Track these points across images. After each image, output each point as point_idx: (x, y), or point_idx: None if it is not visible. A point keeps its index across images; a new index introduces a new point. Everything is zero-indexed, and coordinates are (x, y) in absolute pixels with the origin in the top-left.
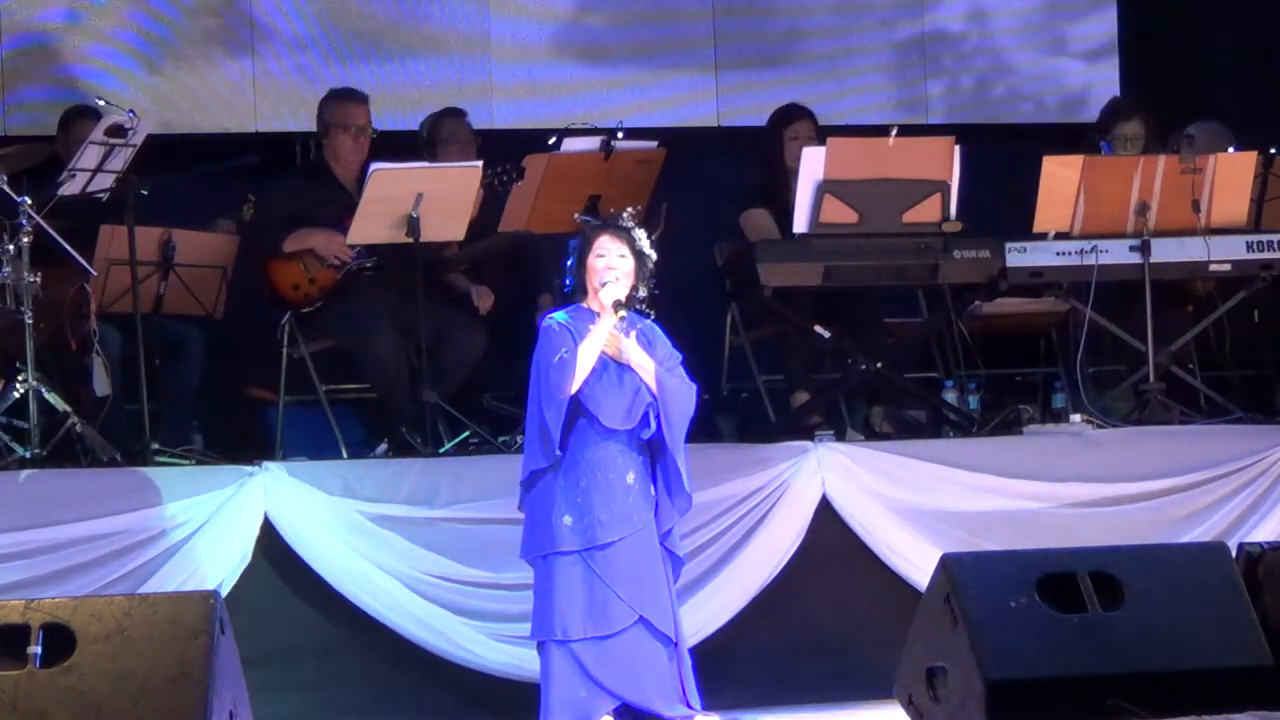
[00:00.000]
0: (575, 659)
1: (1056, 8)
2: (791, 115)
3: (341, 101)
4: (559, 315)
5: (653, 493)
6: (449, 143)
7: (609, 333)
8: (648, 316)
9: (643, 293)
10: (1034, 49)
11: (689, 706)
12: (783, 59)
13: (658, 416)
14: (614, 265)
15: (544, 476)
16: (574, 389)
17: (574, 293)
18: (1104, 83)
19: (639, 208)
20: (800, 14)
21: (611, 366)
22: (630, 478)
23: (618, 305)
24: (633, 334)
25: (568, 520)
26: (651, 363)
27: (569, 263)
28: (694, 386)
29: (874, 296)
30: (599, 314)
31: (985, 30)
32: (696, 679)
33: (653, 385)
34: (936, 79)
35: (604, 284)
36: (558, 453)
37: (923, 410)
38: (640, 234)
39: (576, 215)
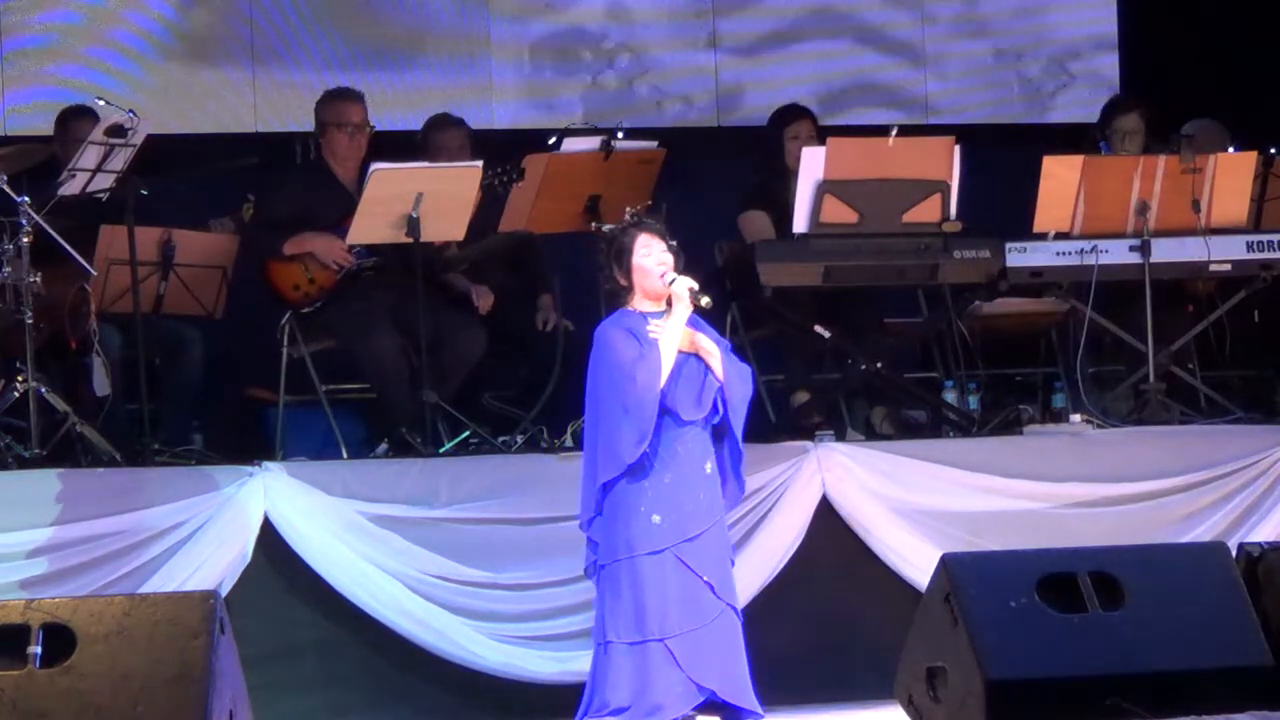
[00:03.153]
0: (671, 654)
1: None
2: (792, 115)
3: (335, 100)
4: (609, 322)
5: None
6: (435, 154)
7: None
8: None
9: None
10: None
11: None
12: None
13: (725, 401)
14: (664, 261)
15: (622, 482)
16: (663, 383)
17: (617, 297)
18: (1103, 82)
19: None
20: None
21: (682, 359)
22: (709, 467)
23: (695, 292)
24: None
25: (657, 519)
26: (717, 349)
27: (610, 270)
28: (748, 369)
29: (874, 296)
30: (649, 313)
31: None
32: None
33: (719, 371)
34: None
35: (670, 280)
36: (645, 451)
37: (923, 410)
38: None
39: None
